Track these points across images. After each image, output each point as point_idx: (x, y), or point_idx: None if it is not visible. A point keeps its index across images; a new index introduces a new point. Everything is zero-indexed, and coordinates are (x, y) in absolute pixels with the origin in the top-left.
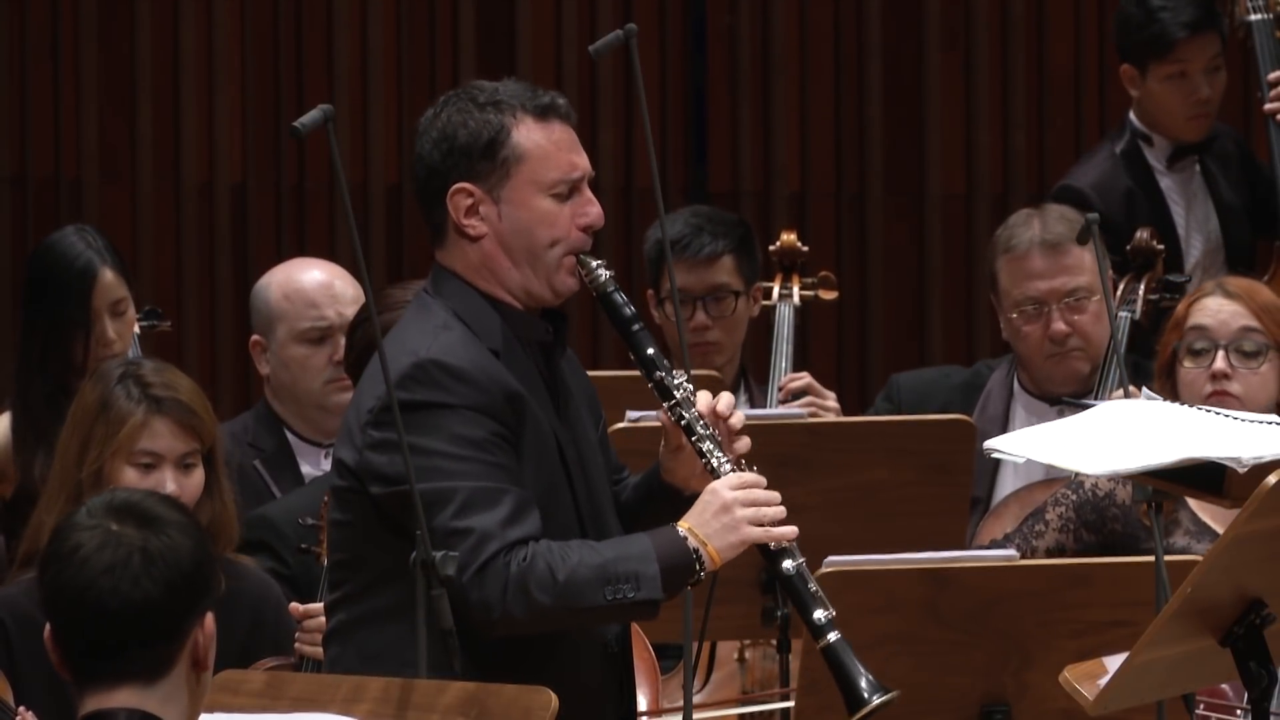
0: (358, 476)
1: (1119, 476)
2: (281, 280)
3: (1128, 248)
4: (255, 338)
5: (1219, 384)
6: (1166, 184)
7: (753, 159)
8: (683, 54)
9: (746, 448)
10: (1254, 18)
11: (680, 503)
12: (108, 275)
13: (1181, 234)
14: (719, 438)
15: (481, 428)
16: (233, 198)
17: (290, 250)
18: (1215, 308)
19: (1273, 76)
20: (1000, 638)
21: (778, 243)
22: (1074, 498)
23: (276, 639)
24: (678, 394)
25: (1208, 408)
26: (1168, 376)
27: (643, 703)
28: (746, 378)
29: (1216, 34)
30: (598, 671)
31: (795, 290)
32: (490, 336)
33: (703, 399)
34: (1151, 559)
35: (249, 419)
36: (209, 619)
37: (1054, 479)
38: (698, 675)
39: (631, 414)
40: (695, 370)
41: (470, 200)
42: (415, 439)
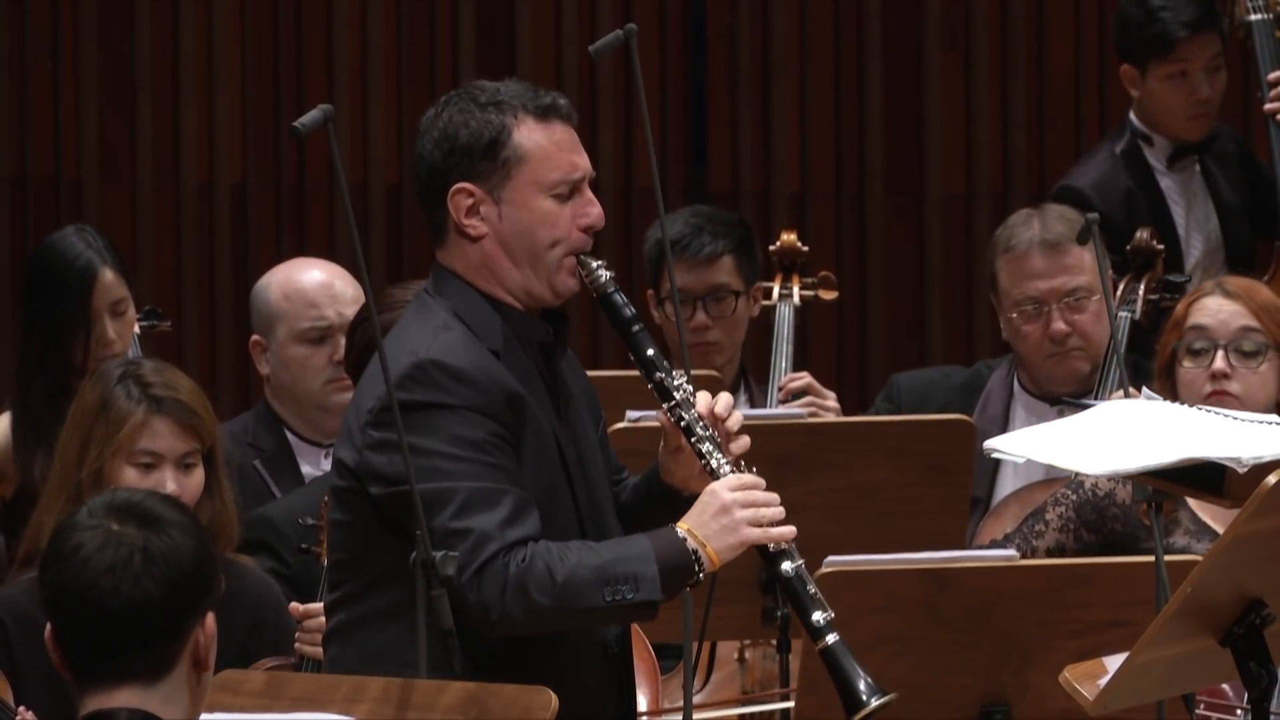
0: (357, 477)
1: (1119, 476)
2: (281, 280)
3: (1128, 248)
4: (255, 338)
5: (1218, 384)
6: (1166, 184)
7: (753, 159)
8: (683, 54)
9: (745, 447)
10: (1254, 18)
11: (679, 503)
12: (108, 275)
13: (1181, 234)
14: (718, 439)
15: (481, 428)
16: (233, 198)
17: (290, 250)
18: (1214, 307)
19: (1273, 76)
20: (1000, 638)
21: (778, 243)
22: (1074, 498)
23: (276, 639)
24: (677, 395)
25: (1207, 408)
26: (1167, 376)
27: (643, 703)
28: (746, 378)
29: (1217, 33)
30: (598, 671)
31: (795, 290)
32: (490, 337)
33: (702, 400)
34: (1151, 559)
35: (249, 419)
36: (210, 619)
37: (1054, 479)
38: (698, 675)
39: (631, 414)
40: (695, 370)
41: (471, 200)
42: (415, 439)
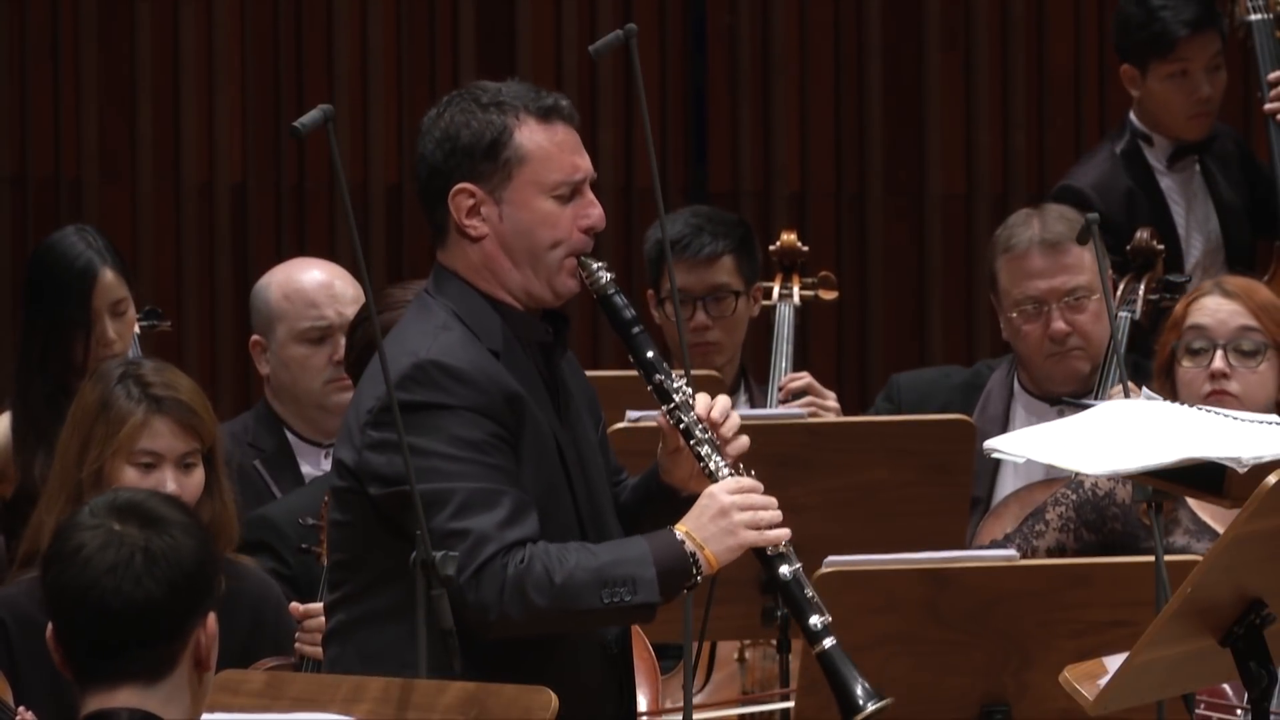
0: (357, 477)
1: (1119, 476)
2: (281, 280)
3: (1128, 248)
4: (255, 338)
5: (1218, 383)
6: (1166, 184)
7: (753, 159)
8: (683, 54)
9: (744, 448)
10: (1254, 18)
11: (678, 503)
12: (108, 275)
13: (1181, 234)
14: (717, 441)
15: (480, 429)
16: (233, 198)
17: (290, 250)
18: (1214, 307)
19: (1273, 76)
20: (1000, 638)
21: (778, 243)
22: (1074, 497)
23: (277, 639)
24: (677, 397)
25: (1207, 407)
26: (1166, 376)
27: (643, 703)
28: (746, 378)
29: (1217, 33)
30: (598, 672)
31: (795, 290)
32: (490, 337)
33: (701, 402)
34: (1151, 559)
35: (249, 419)
36: (211, 619)
37: (1054, 479)
38: (698, 675)
39: (631, 414)
40: (695, 370)
41: (472, 201)
42: (414, 439)
